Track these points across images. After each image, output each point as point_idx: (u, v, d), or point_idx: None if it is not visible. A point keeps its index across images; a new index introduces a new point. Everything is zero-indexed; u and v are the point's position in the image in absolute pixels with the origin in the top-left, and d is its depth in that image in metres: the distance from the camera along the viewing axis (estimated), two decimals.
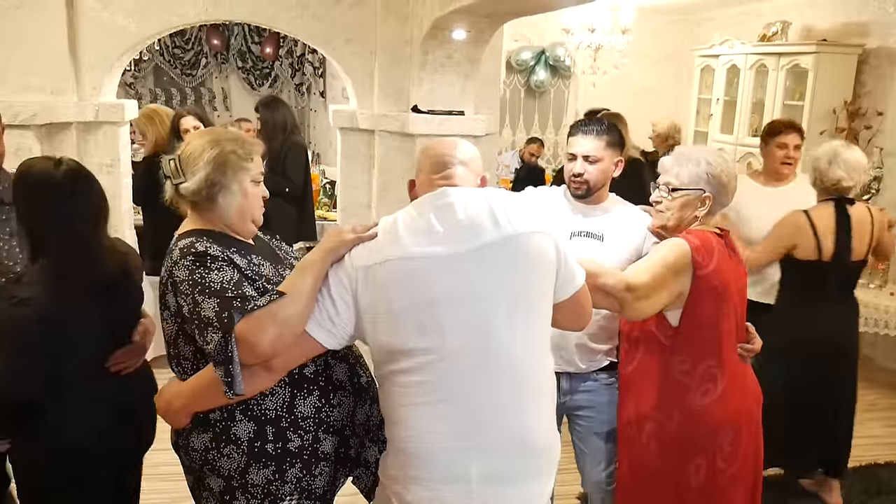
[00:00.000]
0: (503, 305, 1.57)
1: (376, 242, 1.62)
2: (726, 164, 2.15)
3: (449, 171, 1.72)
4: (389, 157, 3.85)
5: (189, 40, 7.73)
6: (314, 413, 1.78)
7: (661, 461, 2.13)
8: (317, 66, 7.89)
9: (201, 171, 1.72)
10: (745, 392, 2.19)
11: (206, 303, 1.60)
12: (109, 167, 3.68)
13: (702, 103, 7.10)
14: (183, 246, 1.71)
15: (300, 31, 3.78)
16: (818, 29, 5.86)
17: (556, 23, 6.57)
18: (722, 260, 2.09)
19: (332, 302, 1.61)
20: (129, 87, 7.61)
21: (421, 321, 1.56)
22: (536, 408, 1.65)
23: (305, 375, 1.78)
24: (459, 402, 1.57)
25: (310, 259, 1.64)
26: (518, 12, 3.31)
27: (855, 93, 5.44)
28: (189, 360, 1.76)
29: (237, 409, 1.73)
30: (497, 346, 1.57)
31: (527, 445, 1.63)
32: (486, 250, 1.57)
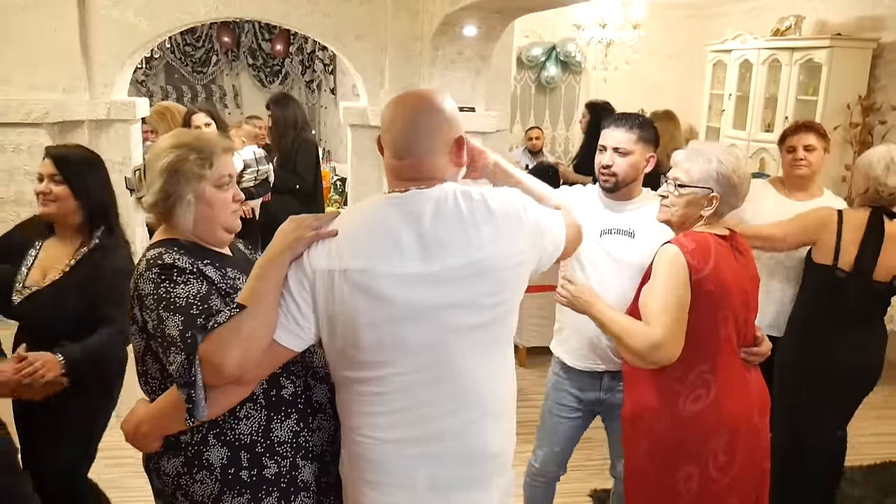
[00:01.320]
0: (464, 324, 1.52)
1: (337, 244, 1.50)
2: (739, 164, 2.09)
3: (416, 169, 1.55)
4: None
5: (200, 38, 7.75)
6: (292, 438, 1.66)
7: (650, 462, 2.10)
8: (327, 62, 7.89)
9: (156, 181, 1.64)
10: (745, 398, 2.11)
11: (171, 320, 1.50)
12: (121, 165, 3.69)
13: (714, 99, 7.05)
14: (150, 257, 1.62)
15: (311, 28, 3.78)
16: (832, 23, 5.81)
17: (567, 18, 6.55)
18: (721, 262, 2.03)
19: (295, 304, 1.49)
20: (141, 84, 7.64)
21: (379, 337, 1.49)
22: (491, 422, 1.61)
23: (283, 398, 1.66)
24: (412, 413, 1.54)
25: (267, 261, 1.51)
26: (529, 8, 3.29)
27: (869, 88, 5.39)
28: (156, 379, 1.65)
29: (210, 433, 1.62)
30: (453, 364, 1.53)
31: (472, 456, 1.60)
32: (451, 272, 1.48)
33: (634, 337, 1.99)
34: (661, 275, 2.02)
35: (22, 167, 3.34)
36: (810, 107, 5.58)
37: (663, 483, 2.09)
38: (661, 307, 1.98)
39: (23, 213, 3.36)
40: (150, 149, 1.71)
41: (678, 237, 2.07)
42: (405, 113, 1.56)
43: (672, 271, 1.99)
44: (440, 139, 1.56)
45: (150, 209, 1.67)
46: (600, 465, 3.47)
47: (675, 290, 1.98)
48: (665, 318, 1.96)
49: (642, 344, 1.97)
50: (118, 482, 3.37)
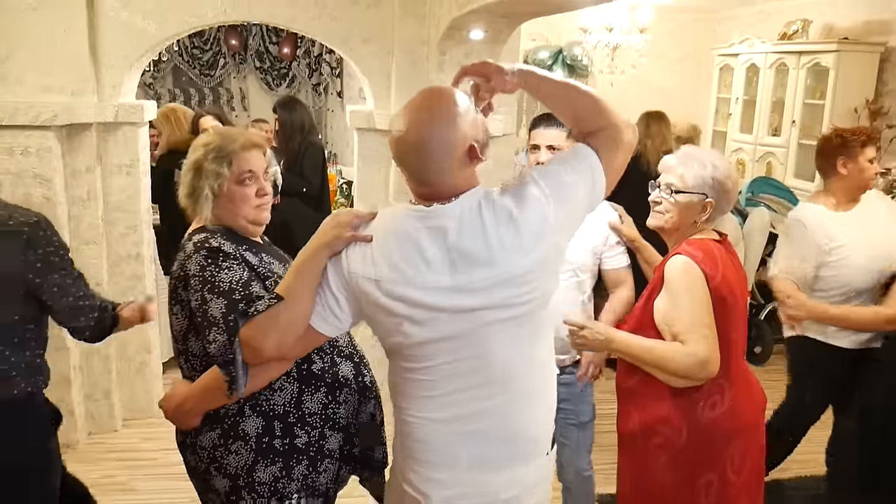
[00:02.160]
0: (496, 319, 1.57)
1: (371, 250, 1.57)
2: (731, 169, 2.10)
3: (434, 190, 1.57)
4: None
5: (207, 41, 7.78)
6: (321, 409, 1.80)
7: (670, 474, 2.07)
8: (334, 66, 7.91)
9: (186, 176, 1.81)
10: (752, 400, 2.14)
11: (214, 302, 1.64)
12: (129, 167, 3.70)
13: (721, 103, 7.04)
14: (197, 241, 1.74)
15: (318, 31, 3.79)
16: (839, 27, 5.79)
17: (574, 22, 6.53)
18: (726, 268, 2.04)
19: (333, 298, 1.60)
20: (149, 87, 7.67)
21: (421, 334, 1.57)
22: (528, 406, 1.68)
23: (313, 372, 1.80)
24: (455, 396, 1.61)
25: (307, 256, 1.61)
26: (536, 12, 3.29)
27: (877, 91, 5.37)
28: (198, 357, 1.77)
29: (247, 405, 1.75)
30: (489, 354, 1.59)
31: (514, 435, 1.67)
32: (478, 283, 1.54)
33: (677, 360, 1.95)
34: (682, 287, 1.99)
35: (31, 170, 3.36)
36: (817, 111, 5.57)
37: (685, 494, 2.07)
38: (693, 321, 1.95)
39: None
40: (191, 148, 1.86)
41: (683, 247, 2.05)
42: (416, 140, 1.53)
43: (691, 282, 1.98)
44: (454, 159, 1.54)
45: (182, 201, 1.83)
46: (606, 469, 3.46)
47: (701, 301, 1.97)
48: (702, 331, 1.94)
49: (689, 365, 1.94)
50: (129, 484, 3.41)
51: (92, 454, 3.66)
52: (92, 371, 3.78)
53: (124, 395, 3.95)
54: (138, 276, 3.83)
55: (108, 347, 3.77)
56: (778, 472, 3.30)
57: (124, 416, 3.96)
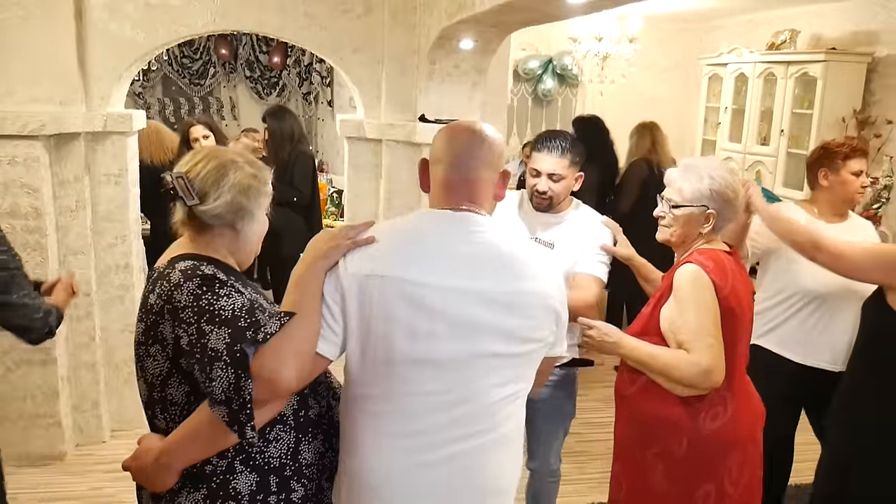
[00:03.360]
0: (497, 351, 1.51)
1: (380, 251, 1.50)
2: (732, 178, 2.10)
3: (472, 185, 1.58)
4: (397, 166, 3.84)
5: (197, 50, 7.76)
6: (318, 459, 1.64)
7: (667, 484, 2.07)
8: (324, 75, 7.90)
9: (225, 195, 1.59)
10: (752, 413, 2.14)
11: (215, 333, 1.42)
12: (117, 177, 3.68)
13: (710, 112, 7.08)
14: (185, 268, 1.53)
15: (308, 41, 3.79)
16: (827, 37, 5.84)
17: (564, 32, 6.57)
18: (735, 279, 2.05)
19: (330, 313, 1.49)
20: (138, 96, 7.64)
21: (414, 349, 1.47)
22: (504, 451, 1.60)
23: (310, 418, 1.64)
24: (425, 439, 1.52)
25: (304, 272, 1.50)
26: (526, 22, 3.30)
27: (864, 101, 5.41)
28: (178, 406, 1.55)
29: (236, 460, 1.55)
30: (478, 388, 1.52)
31: (487, 489, 1.59)
32: (499, 295, 1.49)
33: (681, 368, 1.95)
34: (690, 296, 1.98)
35: (18, 180, 3.34)
36: (806, 120, 5.60)
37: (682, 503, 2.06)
38: (699, 329, 1.95)
39: (18, 226, 3.36)
40: (194, 161, 1.63)
41: (694, 255, 2.06)
42: (463, 138, 1.60)
43: (700, 292, 1.98)
44: (494, 163, 1.61)
45: (212, 220, 1.60)
46: (597, 478, 3.46)
47: (709, 311, 1.96)
48: (708, 340, 1.94)
49: (693, 373, 1.94)
50: (118, 497, 3.36)
51: (79, 466, 3.62)
52: (80, 382, 3.75)
53: (112, 406, 3.91)
54: (126, 287, 3.80)
55: (95, 357, 3.74)
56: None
57: (112, 427, 3.92)
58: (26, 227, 3.38)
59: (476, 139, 1.59)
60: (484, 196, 1.59)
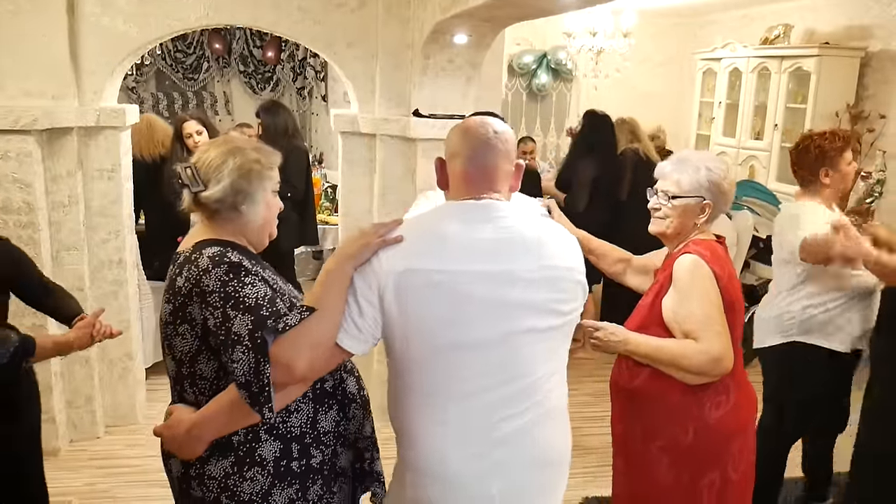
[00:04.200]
0: (534, 327, 1.57)
1: (411, 245, 1.55)
2: (727, 169, 2.13)
3: (491, 176, 1.64)
4: (391, 160, 3.84)
5: (191, 44, 7.74)
6: (334, 427, 1.75)
7: (672, 475, 2.08)
8: (318, 69, 7.89)
9: (225, 178, 1.67)
10: (749, 400, 2.18)
11: (239, 319, 1.52)
12: (111, 172, 3.66)
13: (704, 106, 7.10)
14: (213, 254, 1.62)
15: (301, 35, 3.78)
16: (820, 32, 5.85)
17: (558, 26, 6.56)
18: (730, 269, 2.09)
19: (357, 308, 1.54)
20: (131, 91, 7.62)
21: (455, 336, 1.53)
22: (553, 424, 1.66)
23: (326, 390, 1.74)
24: (477, 422, 1.57)
25: (333, 268, 1.56)
26: (520, 16, 3.29)
27: (857, 96, 5.43)
28: (207, 381, 1.66)
29: (262, 430, 1.65)
30: (521, 365, 1.58)
31: (545, 461, 1.65)
32: (525, 273, 1.55)
33: (691, 357, 1.97)
34: (692, 286, 2.01)
35: (10, 174, 3.32)
36: (799, 115, 5.62)
37: (687, 495, 2.09)
38: (706, 318, 1.97)
39: (10, 221, 3.34)
40: (204, 149, 1.74)
41: (691, 246, 2.08)
42: (478, 132, 1.66)
43: (701, 281, 2.01)
44: (509, 155, 1.67)
45: (215, 203, 1.68)
46: (593, 471, 3.47)
47: (712, 300, 2.00)
48: (716, 328, 1.97)
49: (703, 362, 1.96)
50: (111, 492, 3.37)
51: (73, 462, 3.62)
52: (73, 377, 3.74)
53: (106, 402, 3.90)
54: (120, 282, 3.79)
55: (89, 352, 3.72)
56: None
57: (106, 422, 3.91)
58: (19, 222, 3.36)
59: (490, 132, 1.65)
60: (503, 184, 1.66)
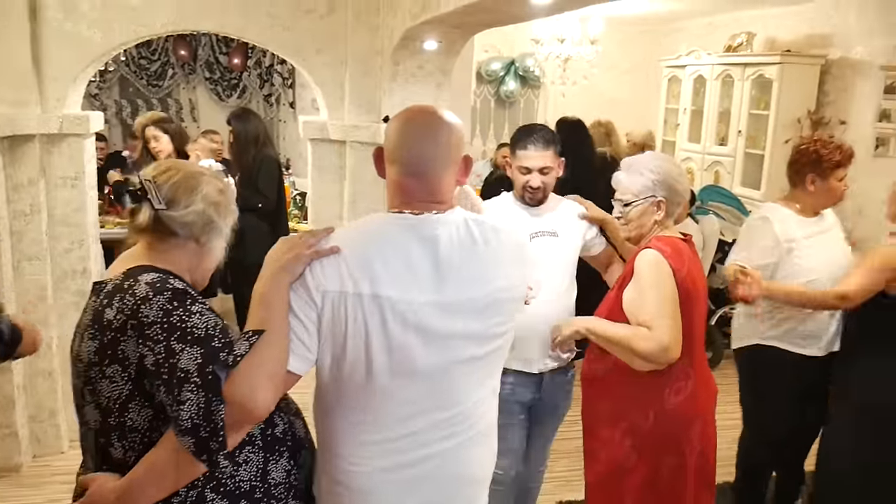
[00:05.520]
0: (472, 354, 1.52)
1: (347, 265, 1.42)
2: (669, 165, 2.27)
3: (433, 188, 1.50)
4: (361, 167, 3.82)
5: (155, 51, 7.63)
6: (285, 478, 1.57)
7: (634, 458, 2.20)
8: (286, 76, 7.83)
9: (198, 204, 1.53)
10: (708, 389, 2.30)
11: (187, 353, 1.34)
12: (74, 180, 3.59)
13: (669, 113, 7.19)
14: (152, 281, 1.43)
15: (270, 41, 3.75)
16: (782, 40, 5.97)
17: (526, 33, 6.61)
18: (691, 264, 2.19)
19: (302, 326, 1.42)
20: (94, 98, 7.48)
21: (391, 362, 1.45)
22: (482, 443, 1.64)
23: (276, 436, 1.57)
24: (408, 440, 1.52)
25: (267, 287, 1.42)
26: (490, 23, 3.31)
27: (818, 102, 5.54)
28: (139, 433, 1.44)
29: (206, 488, 1.46)
30: (455, 392, 1.54)
31: (469, 479, 1.63)
32: (467, 303, 1.48)
33: (644, 341, 2.08)
34: (650, 280, 2.13)
35: None
36: (762, 121, 5.72)
37: (645, 476, 2.20)
38: (659, 311, 2.09)
39: None
40: (167, 167, 1.58)
41: (653, 242, 2.20)
42: (419, 128, 1.51)
43: (659, 276, 2.12)
44: (453, 156, 1.53)
45: (180, 228, 1.53)
46: (565, 475, 3.48)
47: (667, 292, 2.10)
48: (667, 320, 2.08)
49: (651, 348, 2.07)
50: None
51: (36, 478, 3.53)
52: (36, 391, 3.65)
53: (71, 416, 3.80)
54: (84, 293, 3.68)
55: (52, 365, 3.65)
56: None
57: (71, 437, 3.82)
58: None
59: (432, 137, 1.50)
60: (445, 191, 1.53)
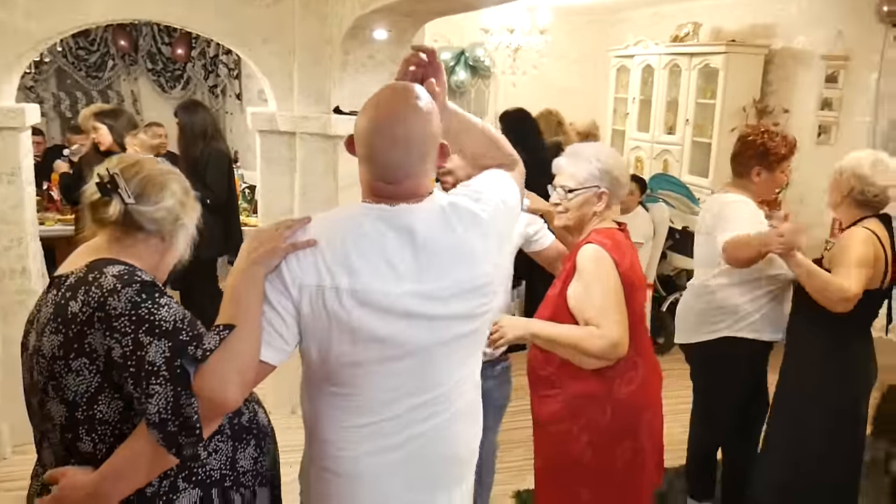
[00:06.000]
0: (454, 335, 1.54)
1: (324, 258, 1.42)
2: (616, 158, 2.26)
3: (407, 190, 1.47)
4: (311, 159, 3.76)
5: (94, 41, 7.38)
6: (252, 465, 1.61)
7: (590, 451, 2.19)
8: (231, 67, 7.66)
9: (168, 200, 1.54)
10: (656, 375, 2.32)
11: (154, 346, 1.34)
12: (10, 176, 3.45)
13: (618, 102, 7.26)
14: (119, 273, 1.42)
15: (214, 31, 3.65)
16: (727, 30, 6.07)
17: (476, 23, 6.58)
18: (631, 254, 2.19)
19: (279, 318, 1.42)
20: (30, 90, 7.21)
21: (373, 352, 1.46)
22: (466, 422, 1.66)
23: (243, 424, 1.60)
24: (394, 422, 1.54)
25: (242, 280, 1.41)
26: (440, 11, 3.28)
27: (763, 91, 5.67)
28: (109, 425, 1.44)
29: (179, 478, 1.49)
30: (438, 373, 1.55)
31: (455, 458, 1.65)
32: (446, 290, 1.48)
33: (592, 341, 2.07)
34: (593, 275, 2.11)
35: None
36: (709, 110, 5.81)
37: (601, 464, 2.19)
38: (605, 306, 2.08)
39: None
40: (134, 161, 1.57)
41: (593, 235, 2.18)
42: (387, 137, 1.43)
43: (602, 270, 2.10)
44: (431, 154, 1.48)
45: (150, 223, 1.53)
46: (520, 465, 3.49)
47: (612, 287, 2.09)
48: (614, 316, 2.07)
49: (601, 346, 2.06)
50: None
51: None
52: None
53: (15, 420, 3.67)
54: (26, 292, 3.58)
55: None
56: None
57: (14, 442, 3.68)
58: None
59: (402, 143, 1.43)
60: (421, 185, 1.49)
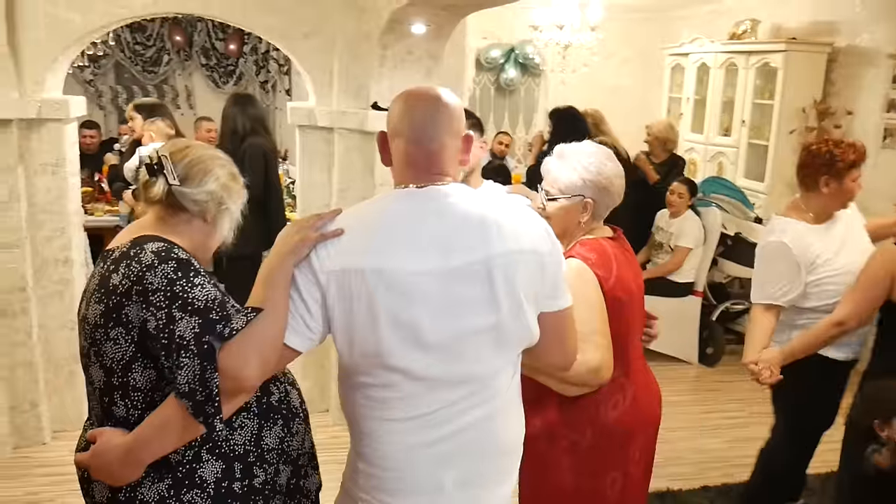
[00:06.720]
0: (482, 322, 1.48)
1: (351, 242, 1.45)
2: (603, 164, 2.00)
3: (436, 158, 1.53)
4: (349, 155, 3.72)
5: (150, 36, 7.55)
6: (278, 444, 1.65)
7: (574, 477, 2.03)
8: (282, 63, 7.75)
9: (210, 184, 1.62)
10: (651, 395, 2.14)
11: (185, 321, 1.42)
12: (55, 167, 3.51)
13: (672, 102, 7.06)
14: (158, 249, 1.51)
15: (256, 25, 3.65)
16: (787, 27, 5.83)
17: (525, 20, 6.48)
18: (621, 266, 1.99)
19: (304, 306, 1.46)
20: (89, 84, 7.41)
21: (402, 336, 1.44)
22: (508, 414, 1.62)
23: (272, 404, 1.65)
24: (433, 416, 1.51)
25: (273, 267, 1.47)
26: (480, 4, 3.21)
27: (825, 91, 5.41)
28: (142, 392, 1.52)
29: (203, 449, 1.55)
30: (472, 361, 1.50)
31: (500, 451, 1.61)
32: (471, 267, 1.46)
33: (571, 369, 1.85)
34: (575, 294, 1.86)
35: None
36: (767, 110, 5.59)
37: (590, 492, 2.04)
38: (587, 329, 1.87)
39: None
40: (185, 145, 1.68)
41: (576, 249, 1.98)
42: (422, 102, 1.55)
43: (585, 289, 1.90)
44: (455, 128, 1.56)
45: (193, 205, 1.61)
46: None
47: (594, 308, 1.90)
48: (595, 339, 1.88)
49: (582, 373, 1.85)
50: (57, 501, 3.23)
51: (17, 470, 3.47)
52: (17, 381, 3.58)
53: (53, 407, 3.75)
54: (67, 282, 3.64)
55: (33, 355, 3.58)
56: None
57: (53, 428, 3.76)
58: None
59: (434, 106, 1.54)
60: (449, 164, 1.55)
